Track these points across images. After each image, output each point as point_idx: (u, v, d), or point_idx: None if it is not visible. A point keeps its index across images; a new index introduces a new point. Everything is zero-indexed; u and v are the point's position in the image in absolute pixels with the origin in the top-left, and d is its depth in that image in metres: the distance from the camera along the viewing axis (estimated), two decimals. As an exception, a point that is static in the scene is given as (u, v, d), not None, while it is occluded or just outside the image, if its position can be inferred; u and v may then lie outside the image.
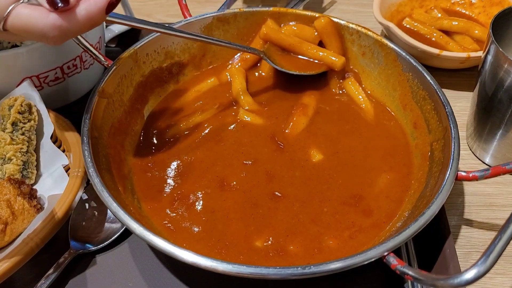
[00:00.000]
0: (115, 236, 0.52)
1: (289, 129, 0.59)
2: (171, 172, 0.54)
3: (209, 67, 0.67)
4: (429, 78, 0.56)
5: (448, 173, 0.46)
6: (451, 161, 0.47)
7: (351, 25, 0.64)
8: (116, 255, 0.51)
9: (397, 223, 0.48)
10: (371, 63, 0.63)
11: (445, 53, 0.66)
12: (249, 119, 0.60)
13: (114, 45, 0.76)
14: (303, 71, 0.63)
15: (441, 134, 0.52)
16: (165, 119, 0.61)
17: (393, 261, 0.40)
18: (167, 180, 0.54)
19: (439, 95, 0.54)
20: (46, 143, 0.56)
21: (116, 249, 0.52)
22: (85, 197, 0.54)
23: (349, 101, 0.63)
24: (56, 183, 0.53)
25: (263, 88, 0.65)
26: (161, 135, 0.58)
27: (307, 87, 0.64)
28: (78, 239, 0.51)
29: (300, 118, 0.60)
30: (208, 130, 0.59)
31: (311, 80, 0.65)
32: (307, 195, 0.52)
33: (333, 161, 0.56)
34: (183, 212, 0.50)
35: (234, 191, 0.53)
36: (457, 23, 0.73)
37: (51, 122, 0.56)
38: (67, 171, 0.54)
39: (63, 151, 0.56)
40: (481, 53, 0.57)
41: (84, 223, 0.53)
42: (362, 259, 0.40)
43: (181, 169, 0.55)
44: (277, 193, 0.52)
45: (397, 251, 0.49)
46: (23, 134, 0.54)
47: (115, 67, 0.56)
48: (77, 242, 0.51)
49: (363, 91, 0.64)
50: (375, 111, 0.62)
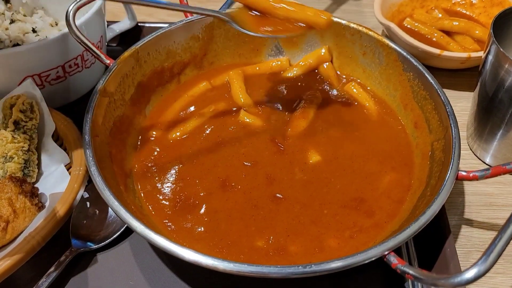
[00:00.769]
0: (116, 234, 0.52)
1: (289, 132, 0.59)
2: (172, 172, 0.54)
3: (210, 67, 0.67)
4: (430, 78, 0.56)
5: (449, 172, 0.46)
6: (452, 160, 0.47)
7: (352, 25, 0.64)
8: (117, 254, 0.51)
9: (398, 222, 0.48)
10: (372, 63, 0.63)
11: (446, 53, 0.66)
12: (249, 121, 0.60)
13: (115, 44, 0.76)
14: (279, 33, 0.55)
15: (442, 134, 0.52)
16: (166, 119, 0.61)
17: (394, 260, 0.40)
18: (168, 180, 0.54)
19: (440, 95, 0.54)
20: (47, 142, 0.56)
21: (117, 247, 0.52)
22: (86, 195, 0.54)
23: (350, 102, 0.63)
24: (57, 182, 0.53)
25: (262, 90, 0.65)
26: (162, 135, 0.59)
27: (308, 90, 0.64)
28: (79, 238, 0.51)
29: (299, 121, 0.60)
30: (208, 131, 0.59)
31: (312, 82, 0.65)
32: (307, 198, 0.52)
33: (333, 164, 0.55)
34: (184, 211, 0.51)
35: (235, 191, 0.53)
36: (457, 23, 0.73)
37: (52, 120, 0.56)
38: (68, 170, 0.54)
39: (65, 150, 0.56)
40: (481, 53, 0.57)
41: (85, 222, 0.53)
42: (363, 258, 0.40)
43: (182, 169, 0.55)
44: (278, 195, 0.52)
45: (397, 250, 0.49)
46: (24, 132, 0.55)
47: (116, 66, 0.56)
48: (78, 240, 0.51)
49: (365, 91, 0.64)
50: (376, 111, 0.62)
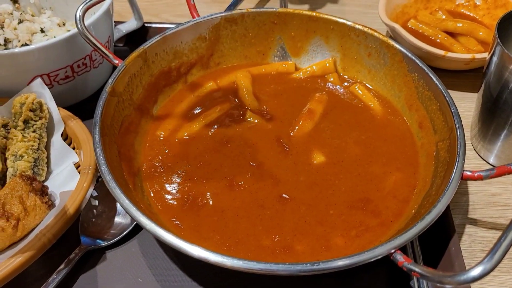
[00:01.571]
0: (125, 232, 0.53)
1: (294, 132, 0.60)
2: (180, 171, 0.55)
3: (217, 67, 0.68)
4: (434, 78, 0.56)
5: (454, 172, 0.47)
6: (457, 161, 0.48)
7: (357, 26, 0.64)
8: (125, 251, 0.52)
9: (404, 221, 0.49)
10: (377, 64, 0.64)
11: (450, 55, 0.66)
12: (255, 122, 0.61)
13: (122, 45, 0.77)
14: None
15: (447, 134, 0.53)
16: (173, 119, 0.61)
17: (400, 258, 0.41)
18: (176, 179, 0.54)
19: (445, 95, 0.54)
20: (56, 141, 0.57)
21: (125, 245, 0.52)
22: (95, 194, 0.55)
23: (355, 103, 0.64)
24: (66, 180, 0.54)
25: (269, 91, 0.66)
26: (170, 135, 0.59)
27: (314, 91, 0.65)
28: (88, 236, 0.52)
29: (305, 122, 0.61)
30: (215, 131, 0.60)
31: (319, 84, 0.66)
32: (313, 199, 0.53)
33: (338, 166, 0.56)
34: (192, 210, 0.51)
35: (242, 191, 0.53)
36: (461, 24, 0.73)
37: (61, 120, 0.57)
38: (77, 168, 0.55)
39: (73, 149, 0.57)
40: (486, 55, 0.58)
41: (94, 220, 0.53)
42: (369, 256, 0.40)
43: (189, 169, 0.55)
44: (284, 195, 0.53)
45: (402, 249, 0.49)
46: (34, 131, 0.55)
47: (125, 66, 0.57)
48: (87, 238, 0.51)
49: (370, 92, 0.65)
50: (382, 112, 0.62)
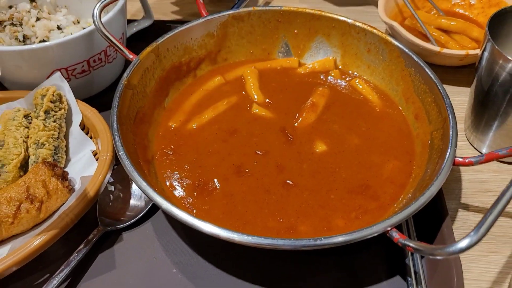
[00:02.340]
0: (140, 215, 0.56)
1: (298, 124, 0.63)
2: (191, 159, 0.59)
3: (224, 62, 0.71)
4: (430, 73, 0.60)
5: (446, 158, 0.50)
6: (450, 148, 0.51)
7: (357, 24, 0.68)
8: (141, 233, 0.56)
9: (400, 204, 0.52)
10: (376, 59, 0.68)
11: (445, 51, 0.70)
12: (261, 113, 0.64)
13: (133, 42, 0.81)
14: None
15: (441, 124, 0.56)
16: (184, 111, 0.65)
17: (396, 235, 0.44)
18: (187, 166, 0.58)
19: (439, 88, 0.58)
20: (75, 130, 0.60)
21: (140, 227, 0.56)
22: (111, 180, 0.59)
23: (355, 96, 0.68)
24: (85, 167, 0.58)
25: (274, 85, 0.69)
26: (181, 126, 0.63)
27: (317, 85, 0.69)
28: (105, 218, 0.56)
29: (309, 114, 0.64)
30: (223, 122, 0.63)
31: (321, 78, 0.69)
32: (315, 185, 0.56)
33: (339, 155, 0.59)
34: (203, 195, 0.55)
35: (249, 177, 0.57)
36: (455, 23, 0.77)
37: (79, 111, 0.61)
38: (94, 156, 0.59)
39: (91, 138, 0.60)
40: (478, 51, 0.61)
41: (110, 204, 0.57)
42: (368, 232, 0.44)
43: (199, 157, 0.59)
44: (288, 181, 0.57)
45: (399, 229, 0.53)
46: (54, 121, 0.59)
47: (139, 61, 0.61)
48: (105, 219, 0.55)
49: (369, 86, 0.68)
50: (381, 105, 0.66)
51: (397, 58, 0.65)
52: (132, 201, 0.58)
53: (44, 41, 0.69)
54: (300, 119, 0.64)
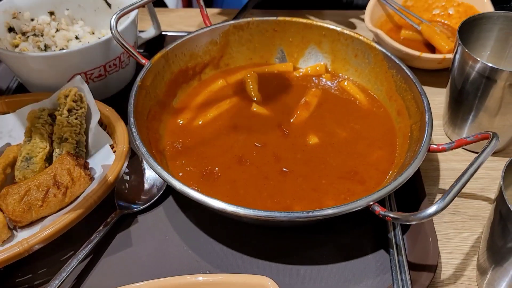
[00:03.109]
0: (153, 200, 0.63)
1: (293, 120, 0.71)
2: (197, 151, 0.66)
3: (226, 67, 0.79)
4: (409, 73, 0.67)
5: (422, 145, 0.58)
6: (425, 136, 0.59)
7: (346, 31, 0.76)
8: (154, 216, 0.63)
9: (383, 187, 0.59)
10: (362, 63, 0.75)
11: (424, 55, 0.78)
12: (260, 111, 0.72)
13: (142, 50, 0.89)
14: None
15: (419, 117, 0.64)
16: (190, 110, 0.72)
17: (377, 208, 0.51)
18: (194, 157, 0.65)
19: (417, 87, 0.65)
20: (94, 127, 0.67)
21: (153, 210, 0.63)
22: (127, 170, 0.66)
23: (345, 96, 0.75)
24: (103, 158, 0.65)
25: (271, 87, 0.77)
26: (188, 123, 0.70)
27: (309, 87, 0.76)
28: (122, 202, 0.62)
29: (303, 111, 0.72)
30: (225, 119, 0.71)
31: (313, 81, 0.77)
32: (308, 172, 0.63)
33: (329, 146, 0.67)
34: (209, 181, 0.62)
35: (249, 166, 0.64)
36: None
37: (97, 109, 0.68)
38: (112, 149, 0.66)
39: (108, 133, 0.68)
40: (452, 54, 0.69)
41: (126, 191, 0.64)
42: (353, 206, 0.51)
43: (205, 149, 0.66)
44: (284, 169, 0.64)
45: (382, 206, 0.60)
46: (76, 118, 0.66)
47: (151, 65, 0.68)
48: (122, 203, 0.62)
49: (357, 87, 0.76)
50: (367, 103, 0.74)
51: (381, 61, 0.73)
52: (145, 188, 0.65)
53: (63, 49, 0.77)
54: (295, 115, 0.71)
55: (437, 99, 0.79)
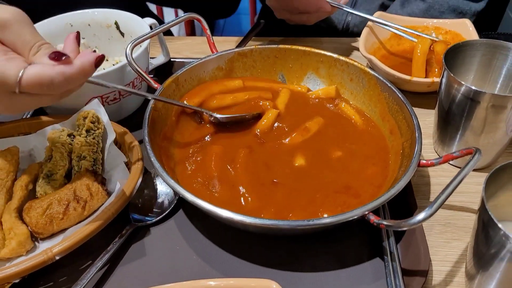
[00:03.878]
0: (165, 213, 0.68)
1: (289, 140, 0.76)
2: (202, 171, 0.71)
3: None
4: (400, 95, 0.73)
5: (412, 160, 0.63)
6: (415, 152, 0.64)
7: (341, 58, 0.82)
8: (165, 228, 0.67)
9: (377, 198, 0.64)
10: (357, 86, 0.82)
11: (415, 79, 0.84)
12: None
13: (152, 75, 0.95)
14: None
15: (409, 136, 0.69)
16: (199, 131, 0.78)
17: (372, 217, 0.56)
18: (199, 174, 0.70)
19: (408, 108, 0.71)
20: (109, 146, 0.73)
21: (165, 223, 0.68)
22: (140, 186, 0.70)
23: (341, 117, 0.81)
24: (119, 175, 0.70)
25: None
26: (191, 143, 0.76)
27: (311, 107, 0.82)
28: (136, 216, 0.67)
29: (297, 136, 0.76)
30: (223, 146, 0.75)
31: (313, 100, 0.83)
32: (300, 186, 0.68)
33: (325, 164, 0.72)
34: (212, 191, 0.67)
35: (242, 177, 0.69)
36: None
37: (113, 130, 0.73)
38: (126, 166, 0.71)
39: (122, 152, 0.73)
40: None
41: (140, 205, 0.69)
42: (350, 215, 0.56)
43: (208, 166, 0.71)
44: (275, 180, 0.69)
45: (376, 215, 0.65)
46: (93, 138, 0.72)
47: (162, 89, 0.74)
48: (136, 217, 0.67)
49: (352, 109, 0.82)
50: (362, 123, 0.79)
51: (374, 85, 0.79)
52: (157, 202, 0.70)
53: (80, 75, 0.83)
54: (289, 138, 0.76)
55: (427, 119, 0.85)
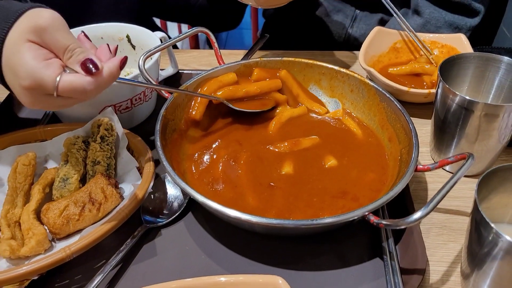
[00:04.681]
0: (175, 215, 0.71)
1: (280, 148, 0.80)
2: (209, 173, 0.75)
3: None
4: (398, 105, 0.77)
5: (410, 165, 0.67)
6: (413, 157, 0.68)
7: (342, 70, 0.86)
8: (176, 229, 0.71)
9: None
10: (357, 97, 0.86)
11: (412, 90, 0.88)
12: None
13: (161, 86, 0.99)
14: (256, 109, 0.85)
15: (407, 143, 0.73)
16: (205, 140, 0.82)
17: (372, 217, 0.60)
18: (206, 177, 0.74)
19: (405, 116, 0.75)
20: (122, 152, 0.77)
21: (175, 225, 0.71)
22: (151, 190, 0.74)
23: (342, 127, 0.85)
24: (132, 179, 0.74)
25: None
26: (199, 149, 0.79)
27: (313, 131, 0.84)
28: (148, 217, 0.71)
29: (287, 146, 0.80)
30: (229, 152, 0.79)
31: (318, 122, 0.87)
32: (296, 191, 0.72)
33: (325, 170, 0.75)
34: (218, 192, 0.71)
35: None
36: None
37: (126, 137, 0.77)
38: (138, 171, 0.75)
39: (134, 157, 0.77)
40: (435, 89, 0.79)
41: (151, 208, 0.73)
42: (351, 215, 0.59)
43: (214, 168, 0.75)
44: (271, 184, 0.72)
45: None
46: (107, 144, 0.75)
47: (173, 98, 0.78)
48: (147, 218, 0.70)
49: (352, 119, 0.86)
50: (362, 131, 0.83)
51: (373, 95, 0.83)
52: (167, 205, 0.73)
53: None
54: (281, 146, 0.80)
55: (424, 128, 0.89)
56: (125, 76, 0.85)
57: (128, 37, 0.94)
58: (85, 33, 0.63)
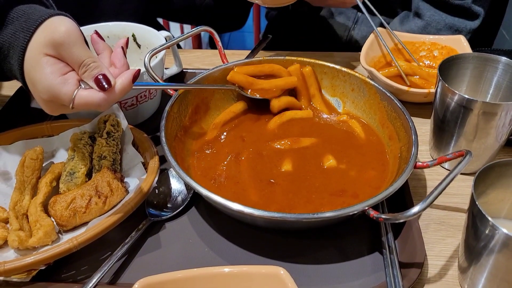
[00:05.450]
0: (179, 209, 0.73)
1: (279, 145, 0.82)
2: (212, 165, 0.77)
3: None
4: (398, 103, 0.79)
5: (409, 161, 0.68)
6: (412, 154, 0.69)
7: (344, 69, 0.88)
8: (180, 223, 0.72)
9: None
10: (358, 96, 0.87)
11: (412, 90, 0.90)
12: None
13: (165, 85, 1.01)
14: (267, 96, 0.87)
15: (406, 140, 0.74)
16: (206, 136, 0.84)
17: (371, 212, 0.61)
18: (209, 173, 0.76)
19: (405, 114, 0.77)
20: (128, 147, 0.78)
21: (179, 218, 0.73)
22: (155, 185, 0.76)
23: (343, 126, 0.87)
24: (137, 173, 0.75)
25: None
26: (203, 146, 0.81)
27: (314, 131, 0.86)
28: (152, 211, 0.72)
29: (286, 143, 0.82)
30: (232, 147, 0.81)
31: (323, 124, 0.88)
32: (295, 188, 0.73)
33: (326, 168, 0.77)
34: (220, 187, 0.73)
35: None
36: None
37: (131, 133, 0.79)
38: (143, 166, 0.76)
39: (139, 153, 0.78)
40: (435, 88, 0.81)
41: (155, 202, 0.74)
42: (351, 209, 0.61)
43: (217, 166, 0.77)
44: (271, 180, 0.74)
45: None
46: (113, 140, 0.77)
47: (178, 95, 0.80)
48: (152, 211, 0.72)
49: (353, 118, 0.87)
50: (362, 130, 0.85)
51: (374, 94, 0.84)
52: (172, 199, 0.75)
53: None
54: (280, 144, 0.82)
55: (424, 128, 0.91)
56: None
57: (133, 36, 0.96)
58: (98, 33, 0.64)
